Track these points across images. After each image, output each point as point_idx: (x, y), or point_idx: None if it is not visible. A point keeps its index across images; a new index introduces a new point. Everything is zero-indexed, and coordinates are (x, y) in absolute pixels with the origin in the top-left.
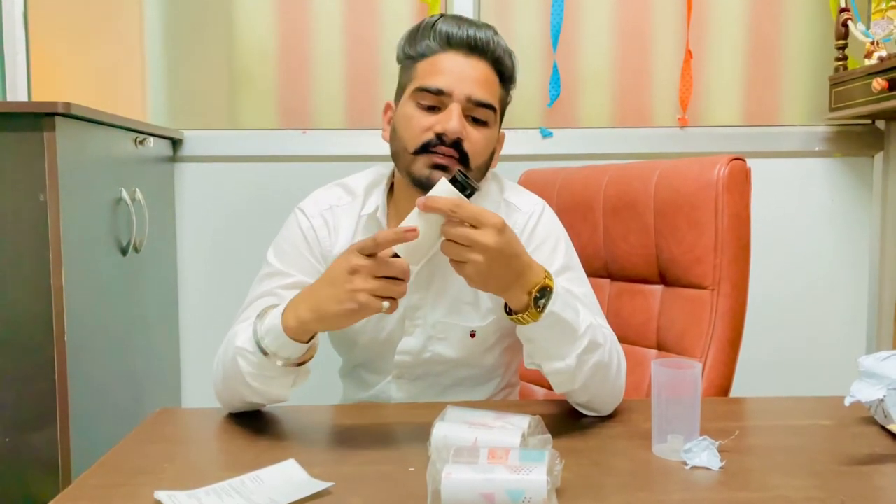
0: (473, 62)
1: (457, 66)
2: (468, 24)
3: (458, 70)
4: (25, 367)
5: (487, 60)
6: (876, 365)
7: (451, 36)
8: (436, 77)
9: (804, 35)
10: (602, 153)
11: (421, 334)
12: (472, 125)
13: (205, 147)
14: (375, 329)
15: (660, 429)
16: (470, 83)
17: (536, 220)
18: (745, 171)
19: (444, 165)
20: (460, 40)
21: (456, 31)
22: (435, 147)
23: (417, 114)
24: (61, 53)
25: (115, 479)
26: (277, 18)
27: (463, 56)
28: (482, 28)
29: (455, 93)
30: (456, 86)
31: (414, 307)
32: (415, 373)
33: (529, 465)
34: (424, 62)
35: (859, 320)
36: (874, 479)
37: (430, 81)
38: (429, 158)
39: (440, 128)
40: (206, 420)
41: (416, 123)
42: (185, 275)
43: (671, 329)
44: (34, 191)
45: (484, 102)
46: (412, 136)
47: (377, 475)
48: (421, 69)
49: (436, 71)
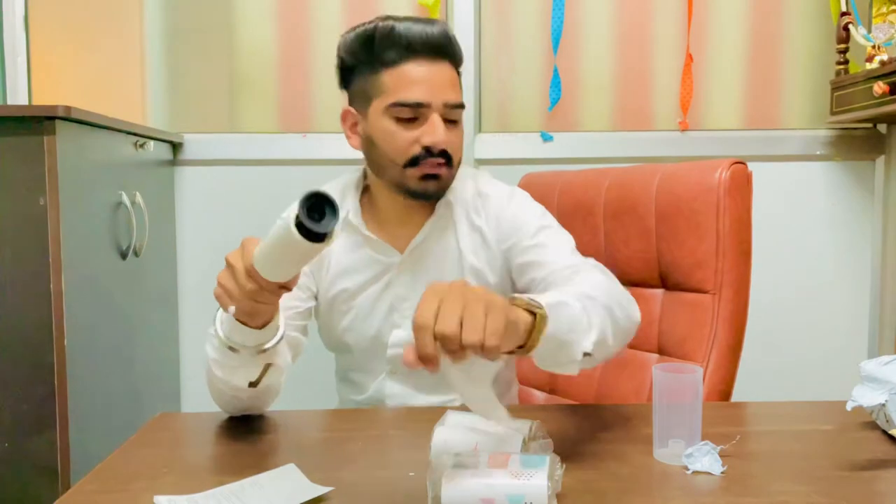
0: (439, 65)
1: (426, 73)
2: (423, 25)
3: (429, 78)
4: (25, 371)
5: (448, 59)
6: (878, 369)
7: (413, 42)
8: (410, 89)
9: (805, 39)
10: (603, 157)
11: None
12: (449, 127)
13: (205, 151)
14: (363, 326)
15: (661, 433)
16: (443, 89)
17: (507, 201)
18: (747, 174)
19: (436, 175)
20: (423, 45)
21: (417, 36)
22: (424, 160)
23: (398, 128)
24: (62, 57)
25: (114, 484)
26: (277, 22)
27: (428, 61)
28: (435, 25)
29: (434, 103)
30: (433, 96)
31: (401, 298)
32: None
33: (530, 471)
34: (391, 72)
35: (861, 325)
36: (876, 484)
37: (407, 95)
38: (419, 170)
39: (428, 141)
40: (205, 425)
41: (400, 138)
42: (184, 279)
43: (672, 333)
44: (34, 194)
45: (459, 104)
46: (399, 151)
47: (377, 480)
48: (390, 80)
49: (408, 82)
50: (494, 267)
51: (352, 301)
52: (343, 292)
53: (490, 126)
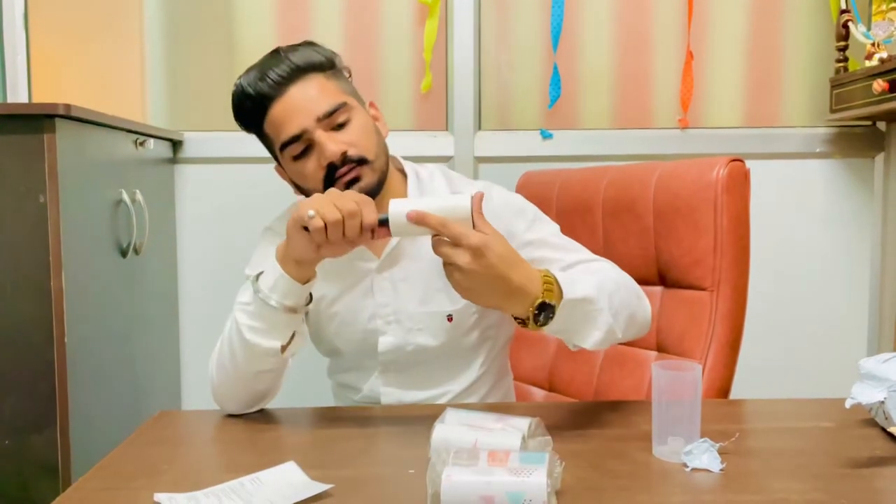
0: (295, 89)
1: (288, 105)
2: (264, 69)
3: (292, 107)
4: (25, 369)
5: (300, 76)
6: (877, 367)
7: (261, 91)
8: (284, 128)
9: (805, 36)
10: (602, 155)
11: (398, 330)
12: (339, 132)
13: (205, 148)
14: (348, 331)
15: (660, 431)
16: (308, 106)
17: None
18: (744, 172)
19: (355, 178)
20: (271, 87)
21: (261, 84)
22: (335, 175)
23: (301, 165)
24: (61, 55)
25: (114, 482)
26: (277, 20)
27: (284, 94)
28: (275, 62)
29: (307, 125)
30: (303, 120)
31: (382, 304)
32: (399, 367)
33: (529, 468)
34: (266, 124)
35: (860, 322)
36: (875, 482)
37: (284, 135)
38: (339, 184)
39: (323, 161)
40: (205, 422)
41: (308, 172)
42: (185, 277)
43: (671, 331)
44: (34, 192)
45: (332, 109)
46: (314, 184)
47: (376, 477)
48: (270, 131)
49: (279, 123)
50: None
51: (333, 307)
52: (323, 298)
53: (489, 124)
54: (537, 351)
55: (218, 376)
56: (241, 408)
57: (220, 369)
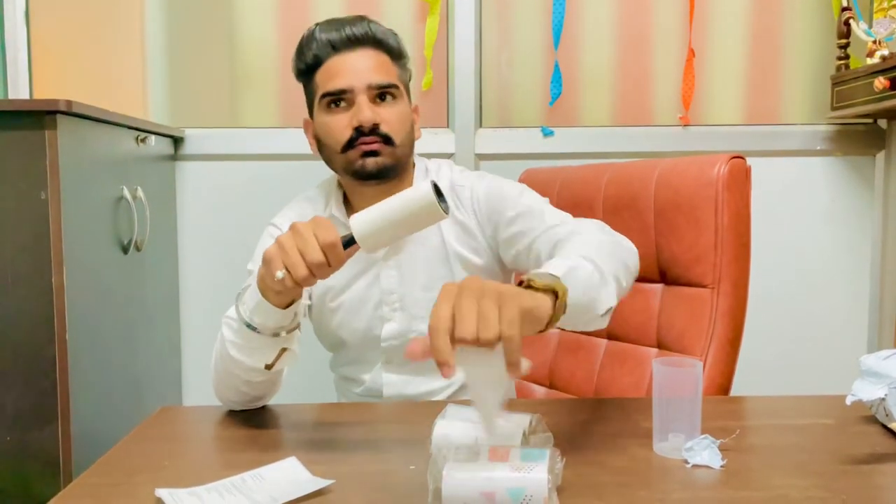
0: (360, 53)
1: (348, 63)
2: (342, 24)
3: (350, 66)
4: (26, 365)
5: (372, 47)
6: (877, 364)
7: (331, 40)
8: (334, 80)
9: (806, 34)
10: (603, 152)
11: (401, 317)
12: (380, 104)
13: (206, 145)
14: (353, 321)
15: (661, 427)
16: (365, 73)
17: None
18: (745, 169)
19: (374, 151)
20: (341, 41)
21: (334, 33)
22: (358, 140)
23: (332, 118)
24: (63, 51)
25: (116, 477)
26: (278, 17)
27: (349, 52)
28: (355, 22)
29: (356, 87)
30: (355, 80)
31: (388, 291)
32: (402, 357)
33: (530, 464)
34: (319, 72)
35: (860, 319)
36: (875, 478)
37: (331, 85)
38: (357, 150)
39: (356, 121)
40: (207, 418)
41: (334, 126)
42: (186, 273)
43: (671, 328)
44: (35, 189)
45: (384, 84)
46: (335, 139)
47: (378, 473)
48: (319, 79)
49: (332, 75)
50: (480, 253)
51: (339, 298)
52: (330, 290)
53: (490, 121)
54: (538, 348)
55: (215, 376)
56: (239, 406)
57: (216, 371)
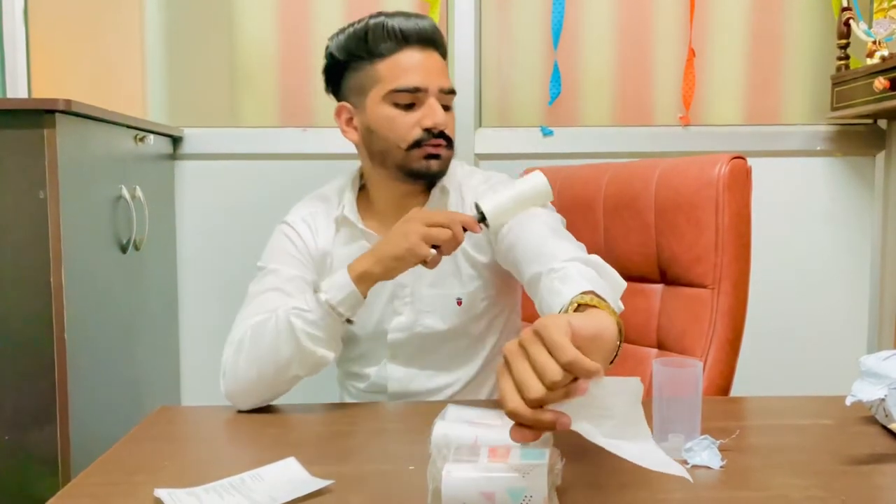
0: (429, 54)
1: (420, 61)
2: (413, 18)
3: (422, 65)
4: (25, 364)
5: (436, 49)
6: (877, 364)
7: (405, 33)
8: (407, 76)
9: (806, 34)
10: (603, 152)
11: (410, 311)
12: (445, 111)
13: (205, 145)
14: (365, 315)
15: (661, 428)
16: (436, 75)
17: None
18: (746, 169)
19: (437, 154)
20: (415, 36)
21: (409, 27)
22: (426, 141)
23: (398, 114)
24: (61, 50)
25: (114, 477)
26: (278, 16)
27: (420, 50)
28: (423, 19)
29: (430, 88)
30: (429, 81)
31: (401, 285)
32: (407, 351)
33: (530, 464)
34: (386, 62)
35: (860, 320)
36: (875, 479)
37: (404, 81)
38: (422, 151)
39: (429, 122)
40: (206, 418)
41: (401, 123)
42: (185, 273)
43: (671, 328)
44: (34, 188)
45: (451, 90)
46: (401, 135)
47: (377, 473)
48: (385, 70)
49: (404, 69)
50: (484, 251)
51: None
52: None
53: (490, 121)
54: None
55: (244, 376)
56: (256, 405)
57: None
